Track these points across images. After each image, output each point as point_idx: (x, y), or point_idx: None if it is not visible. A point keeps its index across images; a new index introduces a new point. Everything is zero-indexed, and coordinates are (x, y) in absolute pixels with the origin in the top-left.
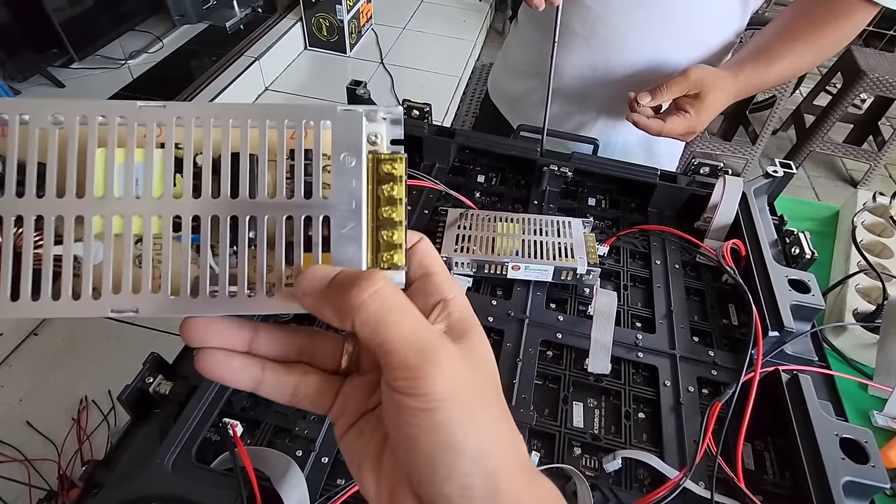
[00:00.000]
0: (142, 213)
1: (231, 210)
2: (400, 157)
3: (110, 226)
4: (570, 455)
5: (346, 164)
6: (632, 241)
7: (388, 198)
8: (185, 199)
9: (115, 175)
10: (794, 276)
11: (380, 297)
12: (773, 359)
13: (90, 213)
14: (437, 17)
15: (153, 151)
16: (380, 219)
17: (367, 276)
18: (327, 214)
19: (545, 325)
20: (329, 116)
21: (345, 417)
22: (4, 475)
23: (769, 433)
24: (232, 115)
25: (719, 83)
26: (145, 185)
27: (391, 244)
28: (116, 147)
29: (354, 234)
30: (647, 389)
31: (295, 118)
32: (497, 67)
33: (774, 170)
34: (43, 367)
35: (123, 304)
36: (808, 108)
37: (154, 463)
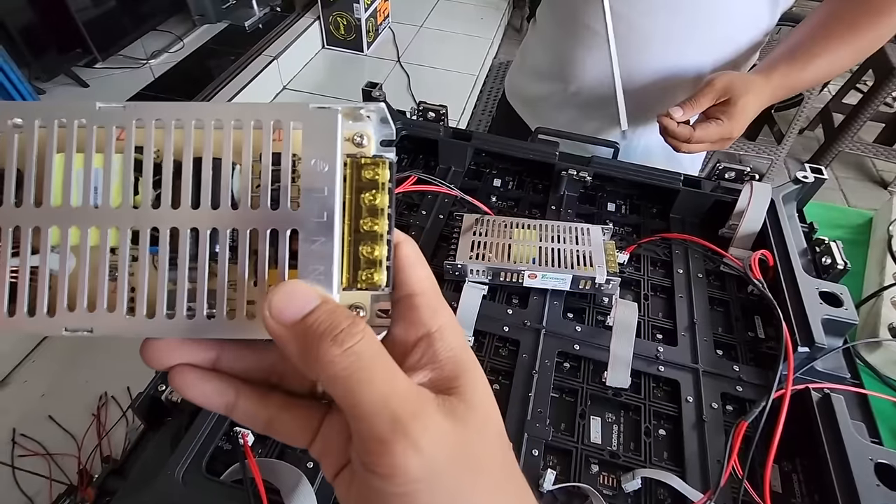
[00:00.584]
0: (99, 224)
1: (192, 222)
2: (383, 162)
3: (66, 237)
4: (588, 472)
5: (316, 170)
6: (653, 248)
7: (370, 207)
8: (143, 210)
9: (74, 182)
10: (826, 289)
11: (353, 353)
12: (802, 375)
13: (47, 224)
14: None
15: (111, 157)
16: (360, 231)
17: (348, 327)
18: (296, 227)
19: (562, 335)
20: (300, 115)
21: (330, 458)
22: (27, 469)
23: (798, 454)
24: (196, 116)
25: (750, 87)
26: (104, 194)
27: (371, 261)
28: (75, 152)
29: (325, 249)
30: (669, 405)
31: (263, 118)
32: (515, 68)
33: (804, 175)
34: (65, 364)
35: (77, 323)
36: (836, 106)
37: (165, 474)
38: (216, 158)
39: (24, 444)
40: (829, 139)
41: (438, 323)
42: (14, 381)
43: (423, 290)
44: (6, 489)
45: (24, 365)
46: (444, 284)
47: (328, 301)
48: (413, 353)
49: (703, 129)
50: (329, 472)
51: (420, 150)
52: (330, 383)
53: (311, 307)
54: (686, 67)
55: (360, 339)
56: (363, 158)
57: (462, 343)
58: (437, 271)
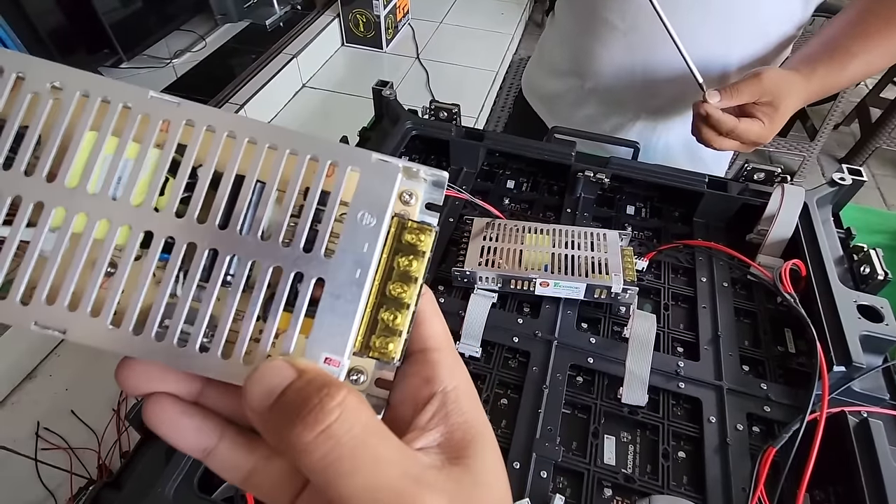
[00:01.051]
0: (111, 219)
1: (214, 242)
2: (429, 229)
3: (69, 224)
4: (600, 497)
5: (362, 223)
6: (675, 254)
7: (403, 273)
8: (165, 215)
9: (97, 166)
10: (865, 302)
11: (329, 437)
12: (838, 396)
13: (53, 203)
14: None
15: (149, 150)
16: (386, 295)
17: (319, 402)
18: (322, 277)
19: (575, 347)
20: (359, 163)
21: None
22: (50, 462)
23: (831, 482)
24: (252, 133)
25: (793, 89)
26: (127, 188)
27: (390, 329)
28: (110, 135)
29: (348, 308)
30: (689, 425)
31: (321, 153)
32: (532, 64)
33: (841, 177)
34: (88, 358)
35: (50, 320)
36: (873, 100)
37: (155, 491)
38: (260, 181)
39: (46, 438)
40: (865, 135)
41: (454, 383)
42: (40, 375)
43: (440, 347)
44: (29, 482)
45: (49, 359)
46: (451, 292)
47: (305, 372)
48: (425, 411)
49: (748, 125)
50: None
51: (431, 151)
52: (309, 474)
53: (283, 385)
54: (711, 63)
55: (337, 418)
56: (409, 221)
57: (477, 407)
58: (446, 278)
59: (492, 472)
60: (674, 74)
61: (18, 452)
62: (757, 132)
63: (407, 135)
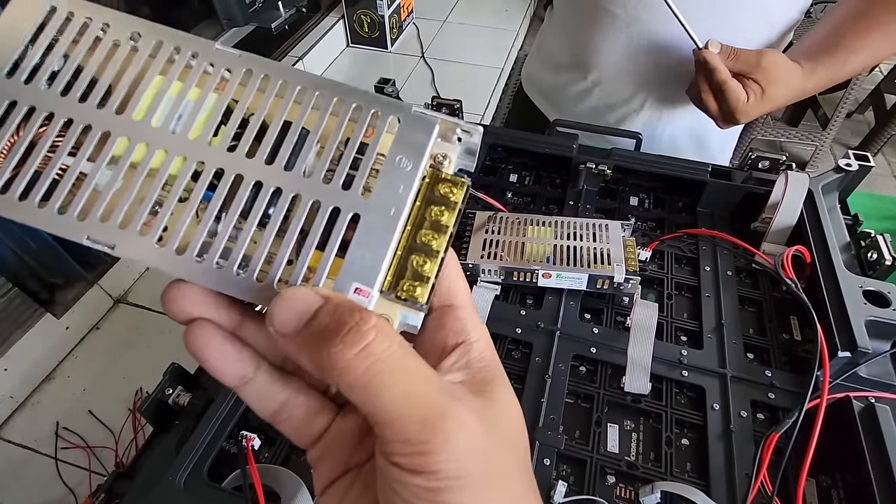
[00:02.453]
0: (168, 149)
1: (259, 175)
2: (462, 183)
3: (131, 151)
4: (603, 484)
5: (399, 166)
6: (678, 244)
7: (434, 222)
8: (218, 149)
9: (163, 104)
10: (871, 287)
11: (369, 355)
12: (843, 382)
13: (119, 132)
14: (479, 8)
15: (209, 94)
16: (416, 242)
17: (356, 324)
18: (358, 213)
19: (578, 337)
20: (400, 114)
21: (326, 464)
22: (69, 461)
23: (838, 468)
24: (301, 83)
25: (789, 80)
26: (186, 123)
27: (419, 274)
28: (175, 79)
29: (381, 245)
30: (693, 413)
31: (365, 104)
32: (531, 57)
33: (847, 163)
34: (105, 359)
35: (103, 236)
36: (889, 87)
37: (167, 480)
38: (305, 128)
39: (66, 438)
40: (880, 122)
41: (477, 335)
42: (59, 376)
43: (464, 304)
44: (50, 480)
45: (67, 360)
46: None
47: (331, 299)
48: (449, 357)
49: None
50: (324, 480)
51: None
52: (348, 390)
53: (312, 310)
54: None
55: (374, 337)
56: (444, 173)
57: (495, 357)
58: None
59: (510, 405)
60: (678, 64)
61: (40, 452)
62: (742, 100)
63: None
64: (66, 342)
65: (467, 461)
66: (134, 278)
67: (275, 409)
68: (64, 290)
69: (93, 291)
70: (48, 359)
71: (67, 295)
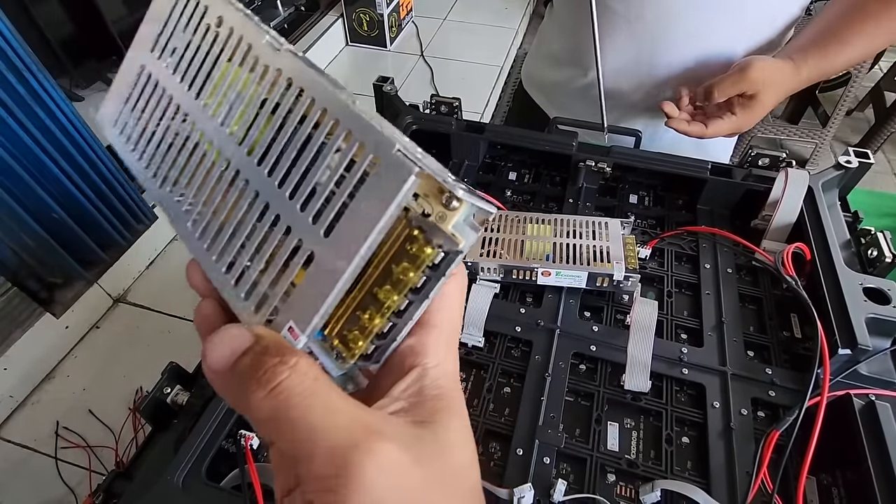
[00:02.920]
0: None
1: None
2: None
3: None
4: (603, 482)
5: (363, 213)
6: (678, 242)
7: (395, 279)
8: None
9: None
10: (871, 284)
11: (279, 393)
12: (844, 380)
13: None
14: (478, 6)
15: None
16: (372, 294)
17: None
18: (313, 252)
19: (578, 336)
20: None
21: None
22: (69, 460)
23: (839, 466)
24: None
25: (777, 80)
26: (229, 118)
27: (363, 328)
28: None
29: (324, 291)
30: (693, 411)
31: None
32: (531, 55)
33: (847, 160)
34: (104, 359)
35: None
36: (889, 84)
37: (165, 479)
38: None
39: (66, 437)
40: (880, 120)
41: (437, 360)
42: (58, 375)
43: (439, 325)
44: (50, 480)
45: (67, 360)
46: None
47: (262, 339)
48: (402, 381)
49: (714, 127)
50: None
51: (433, 145)
52: (260, 429)
53: (242, 350)
54: (718, 49)
55: (288, 376)
56: (416, 230)
57: (455, 388)
58: None
59: (458, 439)
60: (680, 61)
61: (39, 451)
62: (728, 127)
63: (407, 129)
64: (66, 341)
65: (387, 497)
66: (133, 278)
67: None
68: (63, 290)
69: (92, 291)
70: (48, 358)
71: (67, 294)
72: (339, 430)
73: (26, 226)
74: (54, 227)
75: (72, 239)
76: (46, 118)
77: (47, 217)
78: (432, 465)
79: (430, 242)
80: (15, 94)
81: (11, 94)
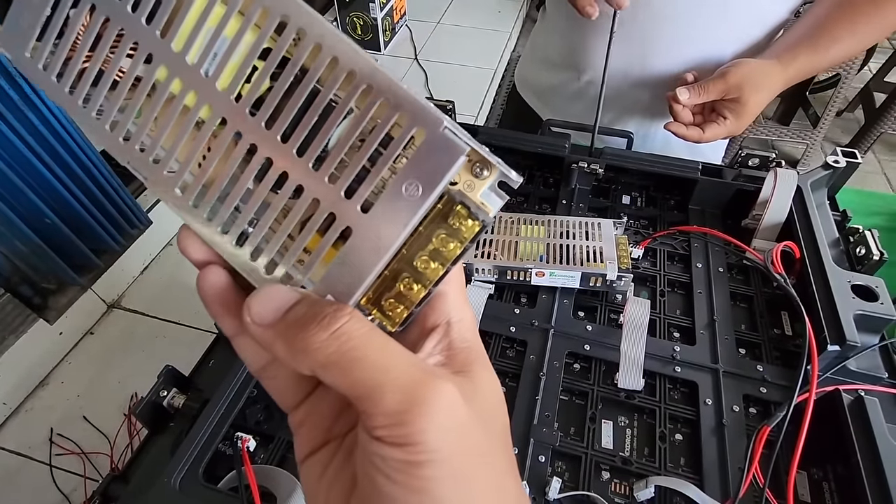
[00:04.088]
0: (198, 93)
1: (270, 151)
2: (476, 221)
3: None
4: (598, 479)
5: (407, 193)
6: (670, 242)
7: (435, 250)
8: (240, 108)
9: (200, 37)
10: (859, 282)
11: (342, 334)
12: (833, 376)
13: (160, 59)
14: (472, 10)
15: (246, 32)
16: (413, 265)
17: (332, 314)
18: (351, 227)
19: (572, 335)
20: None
21: (307, 430)
22: (63, 467)
23: (829, 461)
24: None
25: (763, 82)
26: (218, 68)
27: (403, 297)
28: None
29: (364, 268)
30: (686, 408)
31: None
32: (525, 58)
33: (835, 160)
34: (99, 364)
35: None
36: (878, 85)
37: (162, 481)
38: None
39: (60, 444)
40: (869, 121)
41: (460, 315)
42: (52, 382)
43: (452, 288)
44: (45, 487)
45: (61, 366)
46: None
47: (309, 296)
48: (430, 338)
49: (712, 131)
50: (305, 448)
51: None
52: (322, 371)
53: (289, 304)
54: (709, 51)
55: (348, 320)
56: (460, 206)
57: (477, 338)
58: None
59: (491, 384)
60: (671, 64)
61: (34, 458)
62: (723, 131)
63: None
64: (60, 347)
65: (447, 435)
66: (128, 283)
67: (263, 364)
68: (57, 296)
69: (86, 296)
70: (41, 364)
71: (60, 300)
72: (404, 370)
73: (19, 231)
74: (47, 233)
75: (65, 244)
76: (39, 123)
77: (40, 222)
78: (477, 407)
79: (474, 217)
80: (7, 100)
81: (3, 100)
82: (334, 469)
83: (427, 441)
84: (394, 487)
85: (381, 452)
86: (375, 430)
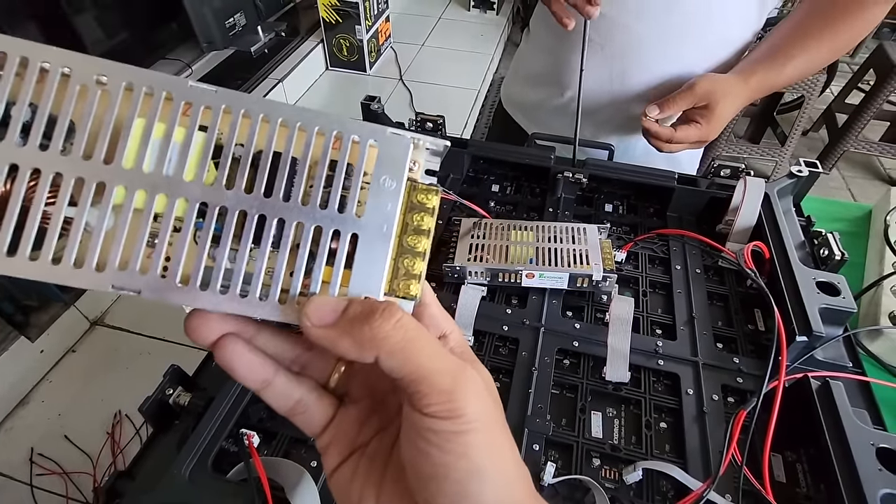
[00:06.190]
0: (168, 193)
1: (261, 208)
2: (436, 190)
3: (132, 199)
4: (589, 466)
5: (385, 187)
6: (650, 245)
7: (416, 227)
8: (216, 188)
9: (150, 149)
10: (823, 279)
11: (403, 326)
12: (802, 365)
13: (114, 182)
14: (455, 33)
15: (195, 133)
16: (403, 246)
17: (388, 306)
18: (357, 232)
19: (561, 333)
20: (377, 136)
21: (335, 448)
22: (45, 488)
23: (801, 444)
24: (281, 115)
25: (728, 90)
26: (178, 165)
27: (410, 273)
28: (157, 121)
29: (379, 257)
30: (669, 398)
31: (344, 131)
32: (510, 76)
33: (799, 169)
34: (81, 383)
35: (126, 283)
36: (839, 106)
37: (171, 472)
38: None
39: (41, 464)
40: (833, 139)
41: (450, 328)
42: (33, 401)
43: (434, 303)
44: None
45: (41, 385)
46: (443, 287)
47: (354, 297)
48: None
49: (684, 131)
50: (333, 461)
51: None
52: (389, 356)
53: (343, 307)
54: (682, 70)
55: (403, 314)
56: (419, 184)
57: (467, 345)
58: (437, 274)
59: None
60: (648, 81)
61: (14, 478)
62: (695, 134)
63: None
64: (41, 366)
65: (482, 409)
66: (112, 300)
67: (292, 405)
68: (39, 313)
69: (69, 313)
70: (22, 383)
71: (42, 317)
72: (448, 357)
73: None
74: None
75: None
76: None
77: None
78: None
79: (436, 191)
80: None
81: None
82: (363, 470)
83: (469, 413)
84: (446, 456)
85: (433, 427)
86: (430, 406)
